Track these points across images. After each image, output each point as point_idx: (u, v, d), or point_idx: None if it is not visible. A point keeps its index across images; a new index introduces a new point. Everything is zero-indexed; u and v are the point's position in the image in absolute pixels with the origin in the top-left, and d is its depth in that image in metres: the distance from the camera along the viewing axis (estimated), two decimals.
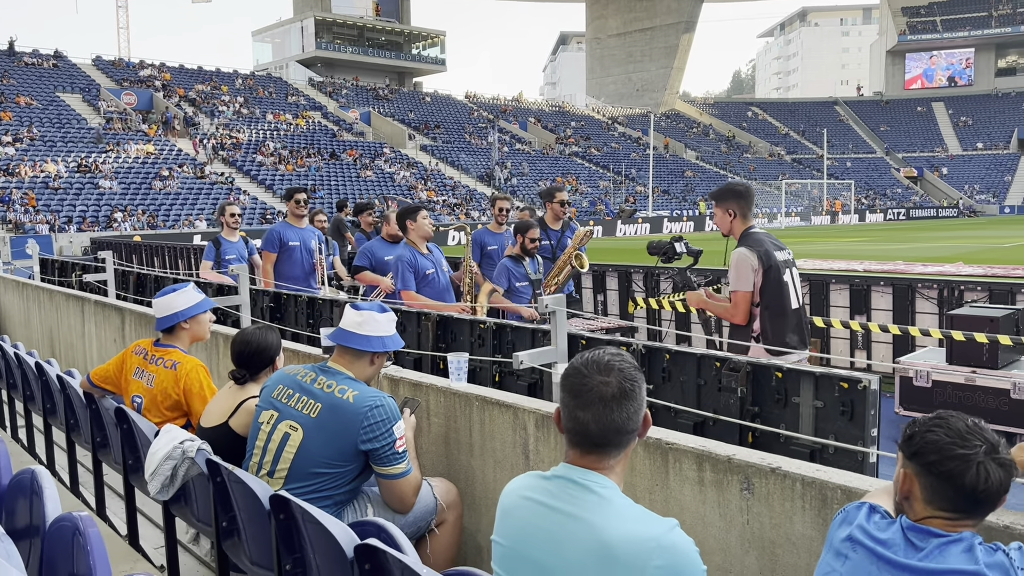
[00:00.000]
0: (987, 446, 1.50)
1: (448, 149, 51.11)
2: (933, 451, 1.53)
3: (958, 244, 27.15)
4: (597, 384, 1.67)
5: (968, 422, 1.54)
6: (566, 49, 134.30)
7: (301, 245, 6.94)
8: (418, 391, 3.37)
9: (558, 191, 6.68)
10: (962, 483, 1.50)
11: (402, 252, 5.62)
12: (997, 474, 1.49)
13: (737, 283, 3.96)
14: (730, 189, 4.23)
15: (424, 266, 5.59)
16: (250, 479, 2.54)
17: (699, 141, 69.07)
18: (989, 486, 1.49)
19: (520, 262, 5.86)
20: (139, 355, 3.66)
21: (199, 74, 50.56)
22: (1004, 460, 1.50)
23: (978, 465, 1.49)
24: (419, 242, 5.68)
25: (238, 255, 7.45)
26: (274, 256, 6.91)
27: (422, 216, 5.69)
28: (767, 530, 2.22)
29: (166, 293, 3.69)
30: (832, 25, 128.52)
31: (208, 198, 33.67)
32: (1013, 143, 69.24)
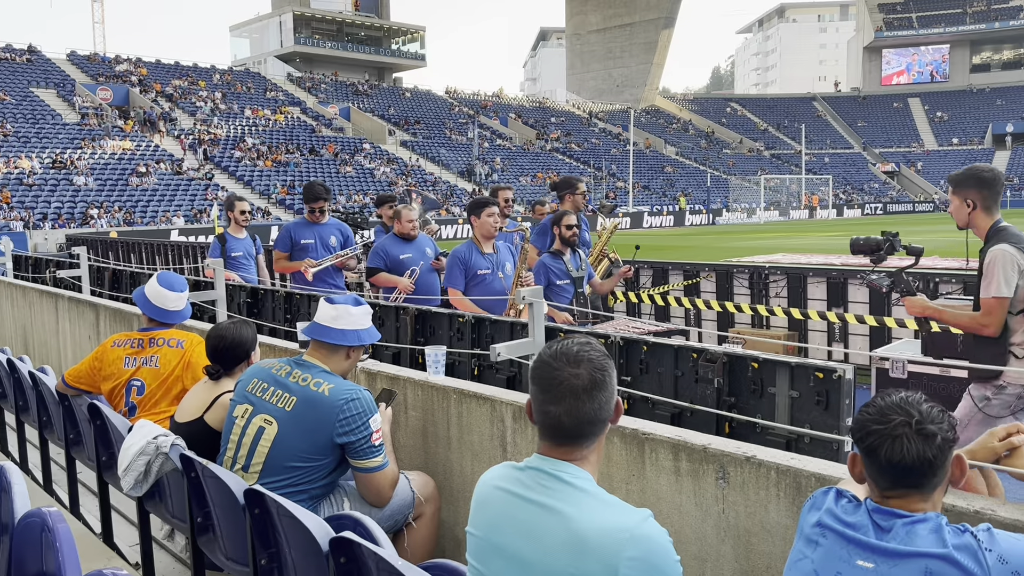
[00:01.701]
0: (906, 419, 1.52)
1: (428, 145, 50.98)
2: (858, 429, 1.58)
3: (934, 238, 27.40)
4: (568, 377, 1.65)
5: (897, 398, 1.56)
6: (546, 45, 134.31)
7: (318, 243, 6.34)
8: (396, 385, 3.35)
9: (579, 181, 6.23)
10: (879, 456, 1.54)
11: (460, 248, 5.26)
12: (915, 446, 1.51)
13: (996, 287, 3.37)
14: (973, 174, 3.59)
15: (479, 265, 5.16)
16: (224, 474, 2.52)
17: (679, 137, 69.35)
18: (905, 457, 1.51)
19: (559, 257, 5.33)
20: (123, 346, 3.66)
21: (176, 69, 50.09)
22: (928, 431, 1.51)
23: (893, 439, 1.52)
24: (483, 240, 5.26)
25: (245, 252, 7.05)
26: (284, 255, 6.36)
27: (486, 214, 5.23)
28: (742, 519, 2.23)
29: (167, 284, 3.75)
30: (810, 21, 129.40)
31: (186, 194, 33.39)
32: (988, 138, 70.07)
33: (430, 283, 5.81)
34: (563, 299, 5.21)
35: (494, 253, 5.28)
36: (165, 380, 3.55)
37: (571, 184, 6.17)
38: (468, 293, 5.09)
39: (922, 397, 1.56)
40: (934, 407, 1.54)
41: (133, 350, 3.62)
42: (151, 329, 3.69)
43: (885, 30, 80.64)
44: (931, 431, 1.51)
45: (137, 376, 3.56)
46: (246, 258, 7.04)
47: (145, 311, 3.73)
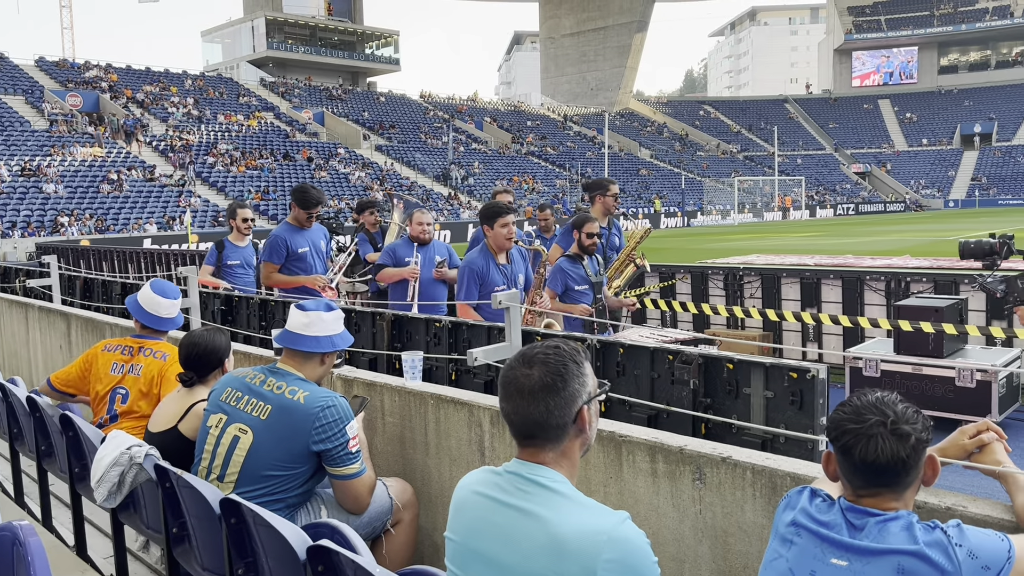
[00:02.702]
0: (881, 419, 1.55)
1: (403, 149, 50.86)
2: (833, 428, 1.60)
3: (905, 238, 27.84)
4: (519, 376, 1.68)
5: (873, 398, 1.58)
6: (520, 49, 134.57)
7: (312, 249, 5.98)
8: (372, 391, 3.34)
9: (611, 183, 5.94)
10: (853, 456, 1.56)
11: (475, 258, 4.92)
12: (889, 445, 1.53)
13: None
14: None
15: (495, 281, 4.83)
16: (200, 483, 2.49)
17: (653, 140, 69.73)
18: (879, 456, 1.53)
19: (578, 262, 5.13)
20: (114, 351, 3.66)
21: (147, 75, 49.60)
22: (902, 431, 1.54)
23: (868, 438, 1.54)
24: (497, 251, 4.94)
25: (243, 261, 6.67)
26: (276, 267, 5.86)
27: (500, 224, 4.87)
28: (719, 519, 2.25)
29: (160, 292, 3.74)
30: (781, 24, 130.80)
31: (159, 201, 33.05)
32: (956, 139, 71.17)
33: (432, 293, 5.59)
34: (582, 304, 5.11)
35: (508, 264, 4.98)
36: (145, 391, 3.52)
37: (602, 185, 5.87)
38: (479, 308, 4.79)
39: (897, 397, 1.58)
40: (909, 407, 1.57)
41: (122, 356, 3.63)
42: (143, 337, 3.70)
43: (855, 32, 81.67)
44: (906, 431, 1.53)
45: (123, 384, 3.56)
46: (243, 267, 6.66)
47: (138, 318, 3.72)
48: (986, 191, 62.58)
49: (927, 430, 1.56)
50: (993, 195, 61.66)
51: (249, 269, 6.74)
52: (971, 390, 5.79)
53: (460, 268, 4.98)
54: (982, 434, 1.80)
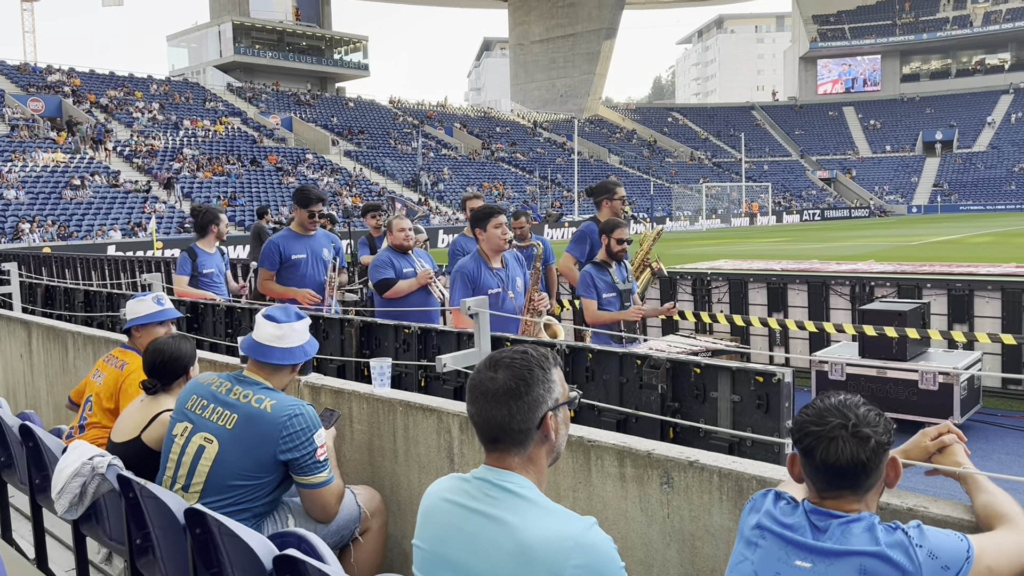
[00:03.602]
0: (842, 422, 1.57)
1: (372, 155, 50.67)
2: (796, 430, 1.63)
3: (870, 243, 28.28)
4: (484, 379, 1.70)
5: (836, 401, 1.61)
6: (490, 55, 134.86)
7: (311, 257, 5.67)
8: (340, 398, 3.32)
9: (617, 185, 5.70)
10: (815, 457, 1.59)
11: (466, 262, 4.71)
12: (849, 448, 1.56)
13: None
14: None
15: (488, 284, 4.63)
16: (164, 493, 2.46)
17: (622, 146, 70.19)
18: (839, 459, 1.56)
19: (605, 269, 4.92)
20: (103, 358, 3.68)
21: (111, 79, 48.94)
22: (862, 434, 1.56)
23: (829, 441, 1.57)
24: (491, 254, 4.71)
25: (217, 269, 6.36)
26: (271, 274, 5.62)
27: (494, 224, 4.65)
28: (687, 523, 2.26)
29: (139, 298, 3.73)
30: (747, 32, 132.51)
31: (123, 207, 32.57)
32: (918, 145, 72.56)
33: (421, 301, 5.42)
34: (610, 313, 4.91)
35: (503, 268, 4.75)
36: (104, 400, 3.49)
37: (608, 189, 5.66)
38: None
39: (860, 400, 1.61)
40: (871, 410, 1.59)
41: (106, 365, 3.65)
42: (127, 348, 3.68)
43: (820, 40, 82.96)
44: (866, 434, 1.55)
45: (92, 393, 3.54)
46: (219, 275, 6.42)
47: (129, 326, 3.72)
48: (948, 197, 63.85)
49: (888, 433, 1.59)
50: (954, 201, 62.93)
51: (222, 276, 6.51)
52: (934, 392, 5.89)
53: (452, 274, 4.78)
54: (943, 436, 1.83)
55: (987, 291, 7.07)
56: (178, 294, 6.13)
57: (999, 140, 70.14)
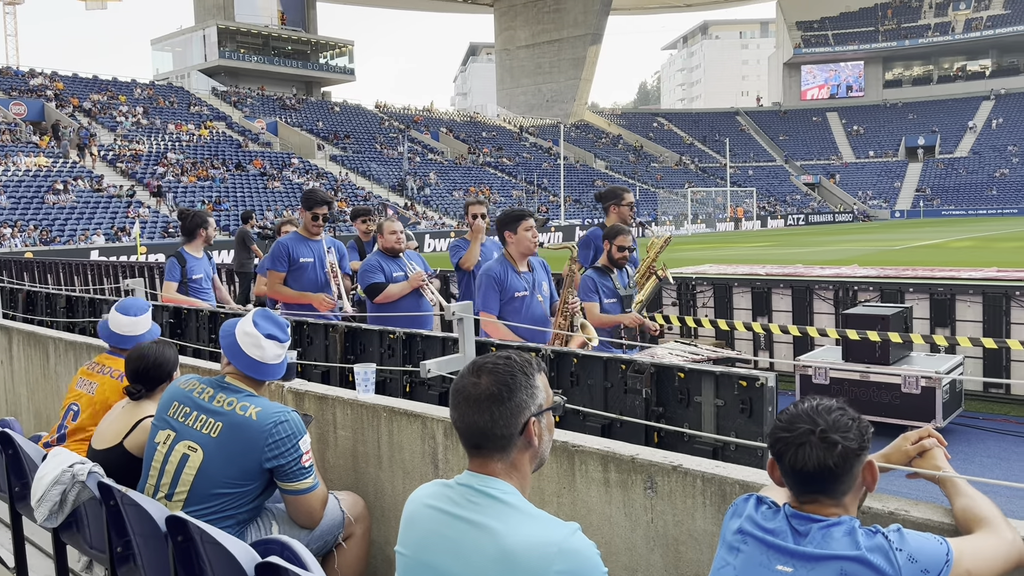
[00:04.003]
0: (811, 428, 1.58)
1: (359, 159, 50.57)
2: (770, 435, 1.65)
3: (853, 247, 28.48)
4: (467, 385, 1.70)
5: (808, 406, 1.62)
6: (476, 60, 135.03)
7: (317, 262, 5.64)
8: (324, 404, 3.30)
9: (625, 191, 5.67)
10: (784, 463, 1.61)
11: (493, 265, 4.62)
12: (816, 453, 1.57)
13: None
14: None
15: (515, 286, 4.53)
16: (145, 501, 2.44)
17: (608, 151, 70.39)
18: (806, 464, 1.57)
19: (607, 274, 4.91)
20: (86, 366, 3.64)
21: (95, 83, 48.63)
22: (830, 440, 1.57)
23: (798, 446, 1.58)
24: (518, 258, 4.61)
25: (205, 274, 6.26)
26: (282, 275, 5.53)
27: (524, 228, 4.55)
28: (671, 527, 2.26)
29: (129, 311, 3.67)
30: (732, 38, 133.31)
31: (106, 212, 32.35)
32: (901, 151, 73.16)
33: (412, 306, 5.34)
34: None
35: (529, 272, 4.66)
36: (98, 410, 3.43)
37: (616, 195, 5.62)
38: (502, 317, 4.49)
39: (836, 405, 1.61)
40: (844, 416, 1.59)
41: (89, 372, 3.61)
42: (112, 354, 3.65)
43: (803, 47, 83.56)
44: (833, 440, 1.56)
45: (78, 400, 3.49)
46: (207, 280, 6.26)
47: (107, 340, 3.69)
48: (930, 202, 64.41)
49: (861, 439, 1.59)
50: (937, 206, 63.49)
51: (210, 282, 6.39)
52: (916, 396, 5.93)
53: (478, 277, 4.68)
54: (923, 440, 1.84)
55: (968, 295, 7.13)
56: (166, 301, 6.00)
57: (980, 146, 70.84)
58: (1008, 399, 6.88)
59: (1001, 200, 62.13)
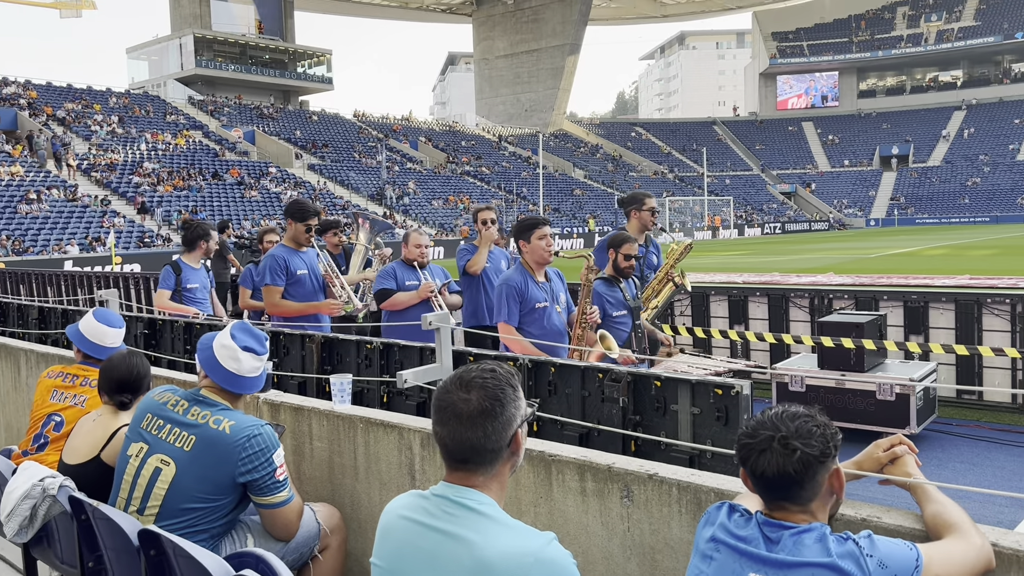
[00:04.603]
0: (773, 434, 1.60)
1: (337, 168, 50.40)
2: (736, 443, 1.67)
3: (829, 255, 28.76)
4: (456, 400, 1.67)
5: (773, 413, 1.64)
6: (455, 69, 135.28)
7: (309, 272, 5.46)
8: (300, 415, 3.28)
9: (647, 196, 5.48)
10: (748, 469, 1.63)
11: (512, 276, 4.45)
12: (776, 460, 1.59)
13: None
14: None
15: (536, 297, 4.39)
16: (117, 515, 2.41)
17: (587, 160, 70.66)
18: (766, 470, 1.59)
19: (614, 285, 4.70)
20: (55, 378, 3.55)
21: (69, 92, 48.13)
22: (790, 446, 1.59)
23: (759, 453, 1.60)
24: (535, 267, 4.48)
25: (201, 285, 6.15)
26: (280, 290, 5.31)
27: (538, 236, 4.41)
28: (647, 536, 2.27)
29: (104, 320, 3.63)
30: (709, 49, 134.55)
31: (80, 222, 32.00)
32: (876, 160, 74.08)
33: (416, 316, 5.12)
34: (620, 332, 4.62)
35: (547, 282, 4.52)
36: None
37: (637, 200, 5.43)
38: (523, 329, 4.35)
39: (801, 412, 1.63)
40: (809, 423, 1.61)
41: (64, 384, 3.51)
42: (87, 364, 3.58)
43: (779, 57, 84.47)
44: (793, 446, 1.57)
45: (59, 411, 3.43)
46: (203, 291, 6.14)
47: (81, 347, 3.61)
48: (904, 210, 65.24)
49: (824, 446, 1.60)
50: (911, 214, 64.32)
51: (207, 293, 6.27)
52: (891, 403, 5.99)
53: (497, 287, 4.53)
54: (895, 448, 1.86)
55: (941, 303, 7.22)
56: (159, 308, 5.88)
57: (952, 155, 71.88)
58: (981, 405, 6.97)
59: (973, 208, 63.04)
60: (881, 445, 1.88)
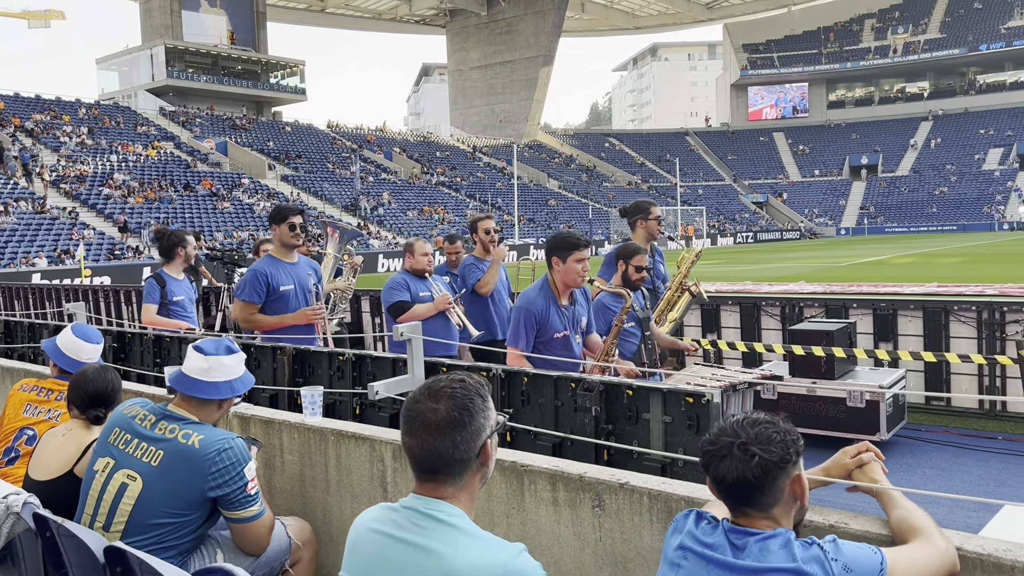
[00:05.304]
0: (733, 441, 1.63)
1: (310, 179, 50.17)
2: (700, 449, 1.69)
3: (801, 264, 29.06)
4: (425, 411, 1.67)
5: (735, 420, 1.66)
6: (429, 80, 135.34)
7: (297, 287, 5.04)
8: (271, 428, 3.25)
9: (652, 205, 5.27)
10: (708, 475, 1.65)
11: (535, 299, 4.11)
12: (736, 465, 1.61)
13: None
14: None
15: (555, 326, 4.08)
16: (83, 531, 2.36)
17: (561, 171, 70.94)
18: (725, 476, 1.62)
19: (621, 296, 4.54)
20: (29, 391, 3.50)
21: (37, 103, 47.51)
22: (748, 452, 1.61)
23: (719, 459, 1.63)
24: (562, 289, 4.15)
25: (187, 296, 5.87)
26: (256, 307, 4.93)
27: (575, 258, 4.07)
28: (618, 545, 2.27)
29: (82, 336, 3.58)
30: (681, 60, 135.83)
31: (49, 234, 31.55)
32: (845, 170, 75.08)
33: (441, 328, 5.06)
34: (629, 345, 4.46)
35: (571, 305, 4.21)
36: None
37: (643, 209, 5.21)
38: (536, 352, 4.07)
39: (764, 419, 1.64)
40: (771, 429, 1.63)
41: (38, 398, 3.46)
42: (62, 378, 3.52)
43: (750, 68, 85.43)
44: (752, 452, 1.59)
45: (33, 425, 3.37)
46: (189, 303, 5.85)
47: (57, 362, 3.55)
48: (874, 219, 66.15)
49: (784, 452, 1.62)
50: (880, 223, 65.22)
51: (192, 305, 6.02)
52: (861, 410, 6.06)
53: (516, 308, 4.19)
54: (862, 454, 1.89)
55: (909, 311, 7.33)
56: (146, 324, 5.61)
57: (920, 164, 73.04)
58: (949, 411, 7.07)
59: (941, 217, 64.07)
60: (848, 452, 1.91)
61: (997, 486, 5.21)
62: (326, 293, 5.99)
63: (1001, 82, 77.15)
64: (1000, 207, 62.82)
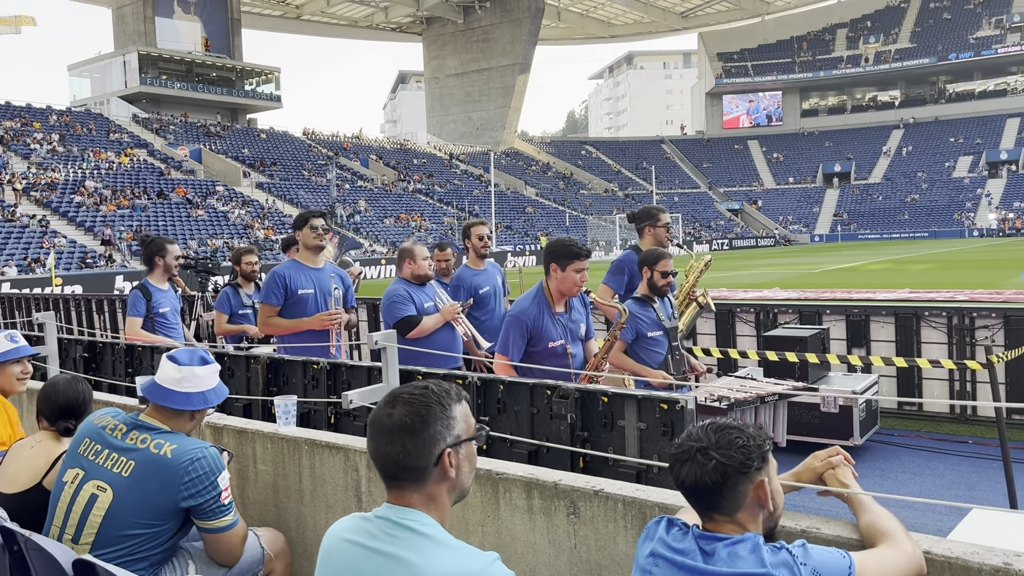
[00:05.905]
0: (696, 445, 1.65)
1: (286, 186, 49.89)
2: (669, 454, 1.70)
3: (775, 271, 29.33)
4: (381, 415, 1.68)
5: (702, 425, 1.69)
6: (406, 88, 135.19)
7: (317, 292, 4.92)
8: (243, 438, 3.22)
9: (661, 211, 5.16)
10: (673, 480, 1.67)
11: (529, 307, 3.99)
12: (696, 470, 1.63)
13: None
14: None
15: (549, 335, 3.98)
16: (51, 545, 2.33)
17: (538, 178, 71.12)
18: (686, 480, 1.64)
19: (648, 304, 4.41)
20: None
21: (7, 110, 46.90)
22: (709, 456, 1.63)
23: (682, 464, 1.65)
24: (557, 297, 4.05)
25: (172, 307, 5.69)
26: (276, 310, 4.87)
27: (575, 268, 3.95)
28: (593, 552, 2.28)
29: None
30: (656, 68, 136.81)
31: (19, 242, 31.10)
32: (819, 177, 75.95)
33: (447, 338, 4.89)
34: (656, 354, 4.38)
35: (567, 312, 4.10)
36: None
37: (652, 215, 5.10)
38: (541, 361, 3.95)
39: (728, 425, 1.66)
40: (734, 434, 1.64)
41: None
42: None
43: (724, 77, 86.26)
44: (711, 456, 1.61)
45: None
46: (174, 314, 5.69)
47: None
48: (847, 226, 66.94)
49: (745, 458, 1.62)
50: (854, 230, 66.01)
51: (178, 315, 5.83)
52: (835, 415, 6.12)
53: (508, 318, 4.09)
54: (832, 459, 1.91)
55: (881, 316, 7.41)
56: (131, 339, 5.40)
57: (892, 172, 74.05)
58: (921, 416, 7.16)
59: (913, 224, 64.96)
60: (819, 457, 1.93)
61: (967, 489, 5.28)
62: None
63: (970, 91, 78.47)
64: (970, 214, 63.85)
